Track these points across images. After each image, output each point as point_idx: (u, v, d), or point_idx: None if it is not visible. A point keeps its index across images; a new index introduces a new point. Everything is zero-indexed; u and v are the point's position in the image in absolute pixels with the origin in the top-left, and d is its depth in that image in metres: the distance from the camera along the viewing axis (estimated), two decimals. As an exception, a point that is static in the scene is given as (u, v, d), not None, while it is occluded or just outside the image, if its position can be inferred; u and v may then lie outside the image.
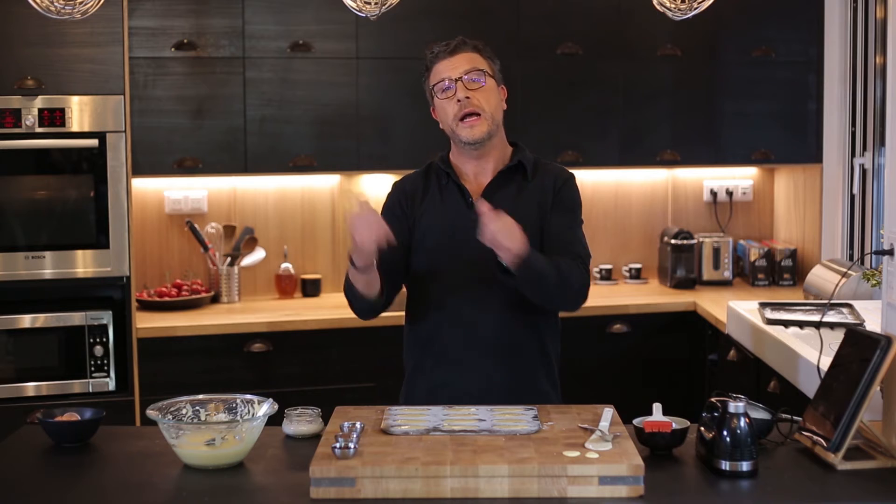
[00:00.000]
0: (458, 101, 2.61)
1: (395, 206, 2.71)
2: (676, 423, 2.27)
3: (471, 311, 2.63)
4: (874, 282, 3.71)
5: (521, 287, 2.48)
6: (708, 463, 2.16)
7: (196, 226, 4.52)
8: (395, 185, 2.77)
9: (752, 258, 4.85)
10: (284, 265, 4.65)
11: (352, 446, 2.07)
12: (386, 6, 2.66)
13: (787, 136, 4.75)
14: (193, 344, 4.10)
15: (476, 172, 2.70)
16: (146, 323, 4.11)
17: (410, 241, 2.68)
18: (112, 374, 3.95)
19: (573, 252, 2.60)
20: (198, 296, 4.43)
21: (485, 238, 2.37)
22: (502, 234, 2.37)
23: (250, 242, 4.60)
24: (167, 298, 4.37)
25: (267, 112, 4.36)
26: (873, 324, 3.01)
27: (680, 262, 4.77)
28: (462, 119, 2.61)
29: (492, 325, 2.62)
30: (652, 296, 4.63)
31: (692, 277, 4.77)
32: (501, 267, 2.43)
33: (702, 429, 2.20)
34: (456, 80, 2.61)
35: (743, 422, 2.14)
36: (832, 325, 3.19)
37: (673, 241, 4.78)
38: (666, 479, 2.13)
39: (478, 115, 2.61)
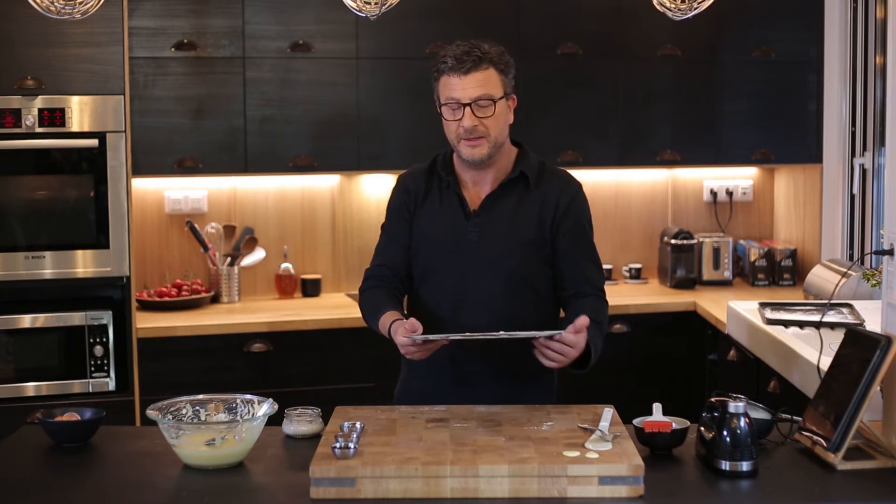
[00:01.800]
0: (464, 127, 2.55)
1: (401, 206, 2.71)
2: (676, 423, 2.27)
3: (466, 328, 2.60)
4: (874, 282, 3.71)
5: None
6: (708, 463, 2.17)
7: (196, 226, 4.52)
8: (401, 180, 2.76)
9: (752, 258, 4.84)
10: (284, 265, 4.65)
11: (352, 446, 2.08)
12: (386, 6, 2.66)
13: (787, 136, 4.74)
14: (193, 344, 4.09)
15: (476, 181, 2.67)
16: (146, 323, 4.11)
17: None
18: (112, 374, 3.95)
19: (597, 286, 2.68)
20: (198, 296, 4.42)
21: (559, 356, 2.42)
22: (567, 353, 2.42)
23: (250, 242, 4.60)
24: (167, 298, 4.37)
25: (267, 112, 4.35)
26: (873, 324, 3.01)
27: (680, 262, 4.76)
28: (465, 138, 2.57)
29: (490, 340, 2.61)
30: (652, 296, 4.63)
31: (692, 277, 4.76)
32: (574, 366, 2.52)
33: (702, 429, 2.20)
34: (465, 106, 2.54)
35: (743, 422, 2.14)
36: (832, 325, 3.19)
37: (673, 241, 4.77)
38: (666, 479, 2.13)
39: (482, 136, 2.57)
